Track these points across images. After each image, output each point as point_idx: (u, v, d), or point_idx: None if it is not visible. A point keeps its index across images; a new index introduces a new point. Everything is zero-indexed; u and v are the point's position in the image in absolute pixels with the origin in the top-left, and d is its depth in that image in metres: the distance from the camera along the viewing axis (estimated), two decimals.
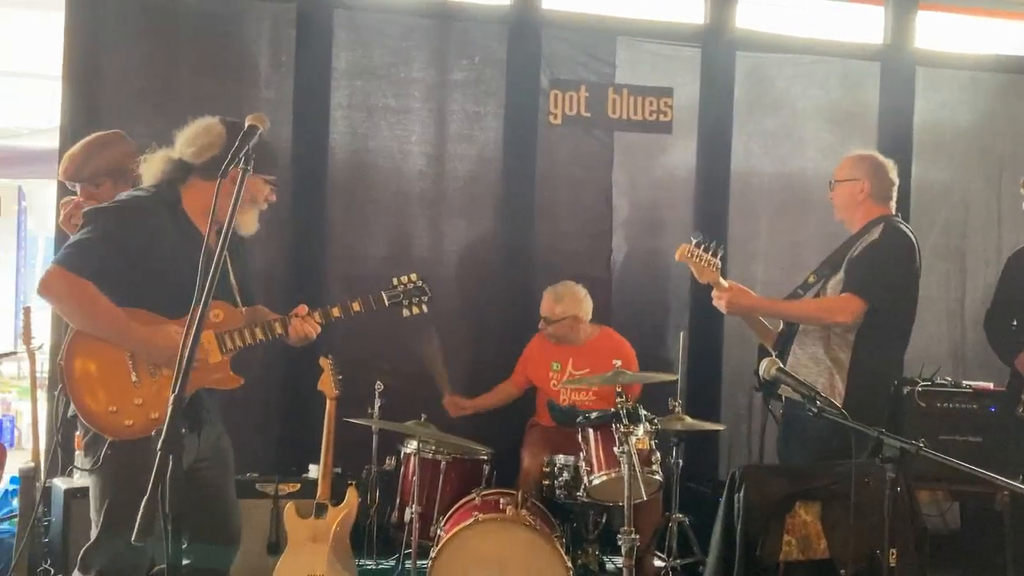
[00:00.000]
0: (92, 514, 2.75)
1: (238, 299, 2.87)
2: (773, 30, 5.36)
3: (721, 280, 3.57)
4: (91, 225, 2.70)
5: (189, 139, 2.79)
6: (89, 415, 2.70)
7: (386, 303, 3.09)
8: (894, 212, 3.67)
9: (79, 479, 3.93)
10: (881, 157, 3.72)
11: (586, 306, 4.48)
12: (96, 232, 2.68)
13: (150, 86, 4.51)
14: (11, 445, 6.90)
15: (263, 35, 4.69)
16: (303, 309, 2.96)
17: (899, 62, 5.36)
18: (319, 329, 2.96)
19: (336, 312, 2.99)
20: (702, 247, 3.53)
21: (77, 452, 3.67)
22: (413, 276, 3.15)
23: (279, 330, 2.89)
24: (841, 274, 3.54)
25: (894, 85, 5.33)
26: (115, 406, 2.68)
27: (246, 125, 2.29)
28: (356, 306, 3.02)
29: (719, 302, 3.60)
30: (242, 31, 4.67)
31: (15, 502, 4.21)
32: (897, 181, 3.70)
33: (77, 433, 3.11)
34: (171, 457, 1.94)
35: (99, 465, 2.70)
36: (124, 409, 2.68)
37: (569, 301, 4.43)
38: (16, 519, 3.92)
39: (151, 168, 2.83)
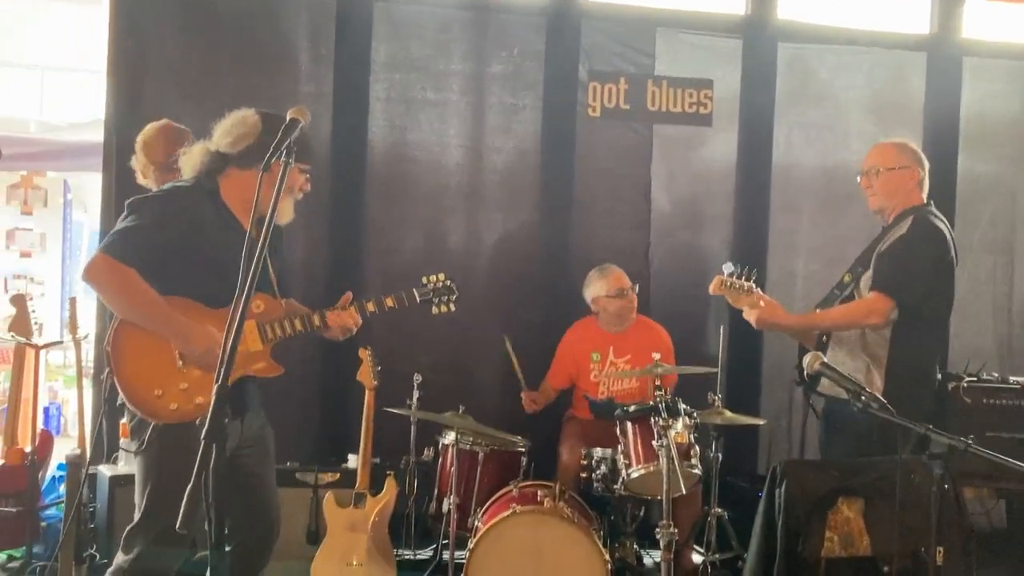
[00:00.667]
0: (136, 496, 2.81)
1: (276, 290, 2.91)
2: (816, 20, 5.29)
3: (757, 299, 3.55)
4: (136, 213, 2.75)
5: (225, 130, 2.83)
6: (135, 399, 2.74)
7: (417, 300, 3.15)
8: (926, 202, 3.59)
9: (123, 466, 4.00)
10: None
11: None
12: (140, 220, 2.73)
13: (191, 80, 4.56)
14: (58, 432, 7.04)
15: (303, 29, 4.72)
16: (347, 299, 3.01)
17: (945, 52, 5.27)
18: (360, 321, 3.01)
19: (371, 307, 3.05)
20: (735, 275, 3.53)
21: (122, 440, 3.75)
22: (442, 276, 3.20)
23: (317, 322, 2.94)
24: (871, 270, 3.50)
25: (940, 75, 5.24)
26: (161, 390, 2.72)
27: (287, 118, 2.30)
28: (389, 302, 3.07)
29: (749, 317, 3.58)
30: (282, 25, 4.70)
31: (62, 488, 4.29)
32: None
33: (123, 421, 3.17)
34: (214, 446, 1.97)
35: (144, 448, 2.75)
36: (169, 393, 2.73)
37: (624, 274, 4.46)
38: (63, 505, 4.00)
39: (191, 160, 2.87)
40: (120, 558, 2.78)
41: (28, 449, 4.20)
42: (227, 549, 2.71)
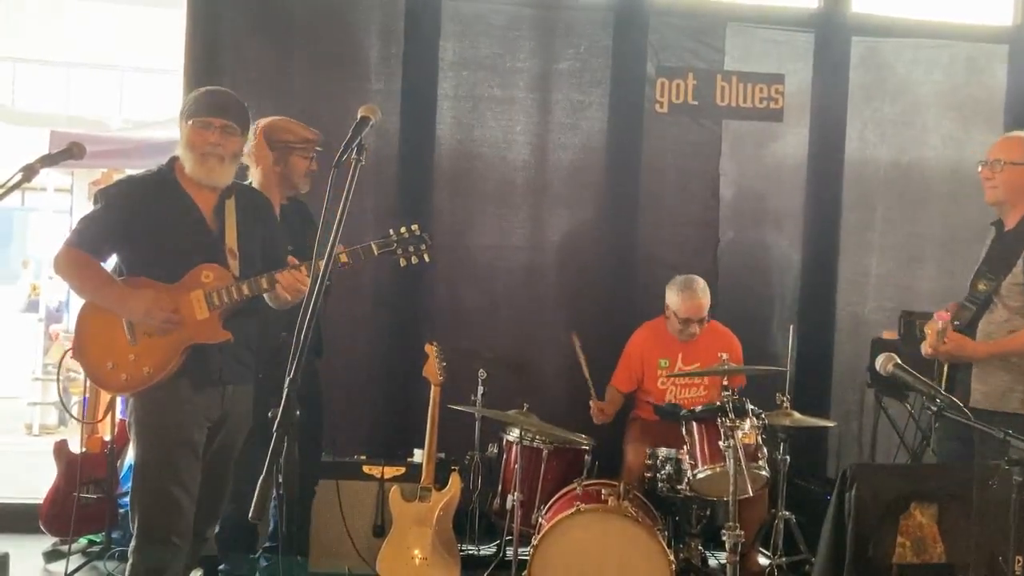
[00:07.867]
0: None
1: (233, 263, 2.99)
2: (891, 13, 5.16)
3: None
4: (97, 203, 3.05)
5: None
6: (91, 372, 3.01)
7: (375, 252, 3.11)
8: None
9: None
10: None
11: None
12: (98, 208, 3.02)
13: (264, 79, 4.64)
14: None
15: (373, 28, 4.77)
16: (293, 260, 3.02)
17: None
18: (307, 283, 2.96)
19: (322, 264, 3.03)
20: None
21: None
22: (414, 227, 3.16)
23: (265, 285, 2.96)
24: (1020, 276, 3.25)
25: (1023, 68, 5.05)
26: (112, 362, 2.93)
27: (358, 116, 2.35)
28: (343, 257, 3.06)
29: (936, 354, 3.33)
30: (353, 24, 4.76)
31: None
32: None
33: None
34: (286, 439, 2.01)
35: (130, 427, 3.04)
36: (120, 364, 2.92)
37: (707, 296, 4.33)
38: None
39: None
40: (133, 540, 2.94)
41: (107, 438, 4.35)
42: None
